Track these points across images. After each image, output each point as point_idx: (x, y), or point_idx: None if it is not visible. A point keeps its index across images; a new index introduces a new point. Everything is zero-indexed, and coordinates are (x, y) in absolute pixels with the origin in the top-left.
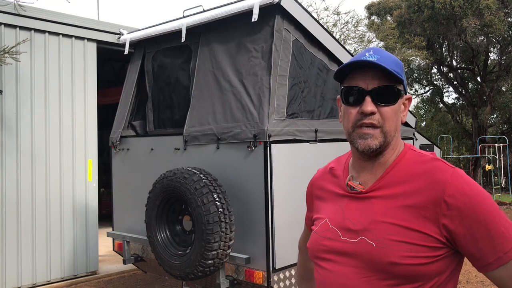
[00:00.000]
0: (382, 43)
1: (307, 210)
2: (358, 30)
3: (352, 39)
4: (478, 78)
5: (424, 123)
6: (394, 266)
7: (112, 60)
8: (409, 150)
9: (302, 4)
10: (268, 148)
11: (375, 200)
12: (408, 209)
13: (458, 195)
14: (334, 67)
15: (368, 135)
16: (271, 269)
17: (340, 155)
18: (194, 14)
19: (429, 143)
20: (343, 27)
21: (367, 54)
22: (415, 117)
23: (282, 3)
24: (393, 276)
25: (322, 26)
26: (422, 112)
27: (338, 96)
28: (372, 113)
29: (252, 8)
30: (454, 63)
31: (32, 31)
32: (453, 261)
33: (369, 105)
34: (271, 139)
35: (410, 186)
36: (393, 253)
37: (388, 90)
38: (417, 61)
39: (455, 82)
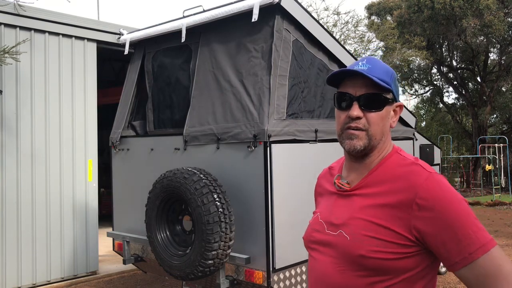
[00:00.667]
0: (382, 43)
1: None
2: (358, 30)
3: (352, 39)
4: (478, 78)
5: (424, 123)
6: (363, 259)
7: (112, 60)
8: (395, 153)
9: (302, 4)
10: (268, 148)
11: (357, 198)
12: (383, 208)
13: (429, 198)
14: (334, 67)
15: (354, 136)
16: (271, 269)
17: (342, 156)
18: (194, 14)
19: (429, 143)
20: (343, 27)
21: (360, 63)
22: (415, 117)
23: (282, 3)
24: (363, 268)
25: (322, 26)
26: (422, 112)
27: None
28: (358, 118)
29: (252, 8)
30: (454, 63)
31: (32, 31)
32: (425, 259)
33: (355, 110)
34: (271, 139)
35: (388, 187)
36: (364, 247)
37: (374, 98)
38: (417, 61)
39: (455, 82)
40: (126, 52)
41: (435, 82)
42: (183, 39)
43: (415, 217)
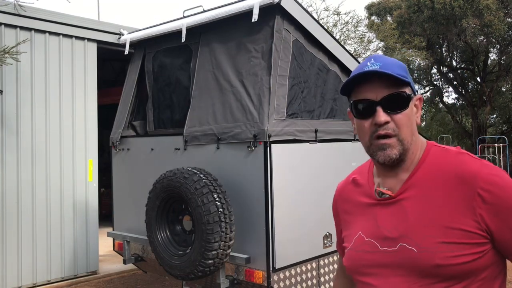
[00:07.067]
0: (382, 43)
1: (337, 233)
2: (358, 31)
3: (352, 39)
4: (478, 78)
5: (424, 123)
6: (440, 268)
7: (112, 60)
8: (433, 146)
9: (302, 4)
10: (268, 148)
11: (406, 202)
12: (442, 207)
13: (490, 187)
14: (334, 67)
15: (386, 145)
16: (271, 269)
17: (360, 165)
18: (194, 14)
19: None
20: (343, 27)
21: (368, 63)
22: None
23: (282, 3)
24: (443, 279)
25: (322, 27)
26: (422, 112)
27: (349, 109)
28: (386, 123)
29: (252, 8)
30: (454, 63)
31: (33, 31)
32: (496, 255)
33: (381, 116)
34: (271, 139)
35: (441, 183)
36: (436, 255)
37: (398, 97)
38: (417, 62)
39: (455, 82)
40: (126, 52)
41: (435, 82)
42: (183, 39)
43: (480, 209)
